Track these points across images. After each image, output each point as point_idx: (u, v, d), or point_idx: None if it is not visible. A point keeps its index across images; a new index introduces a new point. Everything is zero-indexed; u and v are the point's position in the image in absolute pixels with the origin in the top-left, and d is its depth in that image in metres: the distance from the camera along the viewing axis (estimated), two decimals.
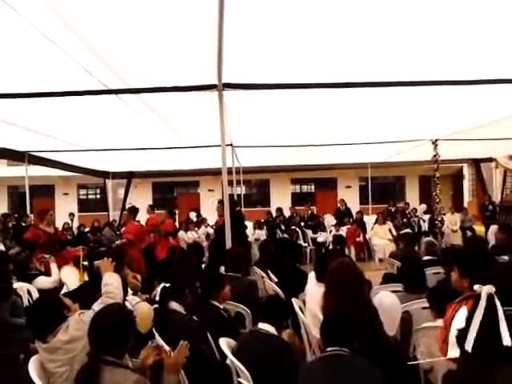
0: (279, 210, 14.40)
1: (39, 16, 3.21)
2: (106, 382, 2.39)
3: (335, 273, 3.39)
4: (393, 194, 24.19)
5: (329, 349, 2.58)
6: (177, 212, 13.75)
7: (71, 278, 5.91)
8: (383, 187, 23.88)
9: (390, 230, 11.92)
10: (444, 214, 12.23)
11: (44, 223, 7.17)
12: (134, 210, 8.78)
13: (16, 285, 5.14)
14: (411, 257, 5.84)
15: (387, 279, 5.36)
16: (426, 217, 14.39)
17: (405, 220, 14.24)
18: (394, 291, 4.21)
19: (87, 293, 3.76)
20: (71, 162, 11.66)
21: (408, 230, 11.39)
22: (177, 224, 12.39)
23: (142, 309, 3.85)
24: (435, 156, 9.95)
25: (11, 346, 3.85)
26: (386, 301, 3.57)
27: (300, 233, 13.00)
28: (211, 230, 12.48)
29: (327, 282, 3.38)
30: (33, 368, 2.86)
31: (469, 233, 12.63)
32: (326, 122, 7.46)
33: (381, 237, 11.78)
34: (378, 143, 9.71)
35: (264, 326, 3.29)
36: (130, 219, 8.79)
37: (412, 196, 23.92)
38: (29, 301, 5.15)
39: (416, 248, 8.23)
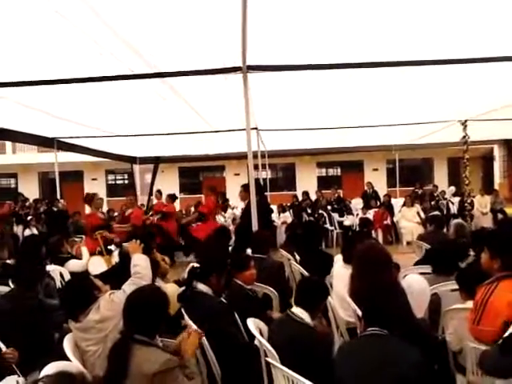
0: (305, 193, 14.35)
1: (67, 3, 3.25)
2: (136, 360, 2.45)
3: (362, 255, 3.37)
4: (421, 176, 23.80)
5: (369, 329, 2.58)
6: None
7: (99, 265, 6.04)
8: (411, 169, 23.47)
9: (418, 213, 11.77)
10: (474, 197, 11.98)
11: (92, 208, 7.72)
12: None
13: (49, 267, 5.29)
14: (440, 238, 5.76)
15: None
16: (456, 199, 14.11)
17: (433, 203, 14.01)
18: (422, 273, 4.18)
19: (117, 274, 3.84)
20: (99, 148, 11.85)
21: (437, 213, 11.22)
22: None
23: (170, 290, 3.92)
24: (464, 137, 9.72)
25: (46, 326, 3.97)
26: (416, 284, 3.55)
27: (326, 216, 12.95)
28: (238, 214, 12.56)
29: (354, 263, 3.37)
30: (67, 346, 2.96)
31: (500, 215, 12.35)
32: (352, 104, 7.36)
33: (409, 220, 11.65)
34: (405, 124, 9.54)
35: (297, 311, 3.08)
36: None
37: (440, 178, 23.49)
38: (61, 283, 5.30)
39: (445, 230, 8.11)
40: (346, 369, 2.51)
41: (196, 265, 3.96)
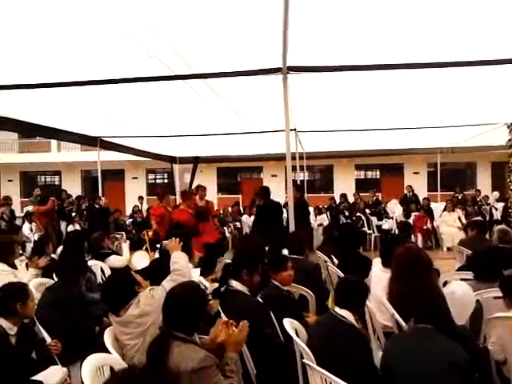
0: (343, 196, 14.21)
1: (110, 5, 3.34)
2: (174, 357, 2.47)
3: (404, 257, 3.32)
4: (463, 180, 23.19)
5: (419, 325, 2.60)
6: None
7: (143, 260, 6.16)
8: (453, 173, 22.89)
9: (459, 218, 11.47)
10: None
11: (194, 200, 8.20)
12: None
13: (90, 262, 5.44)
14: (482, 244, 5.59)
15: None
16: (499, 205, 13.63)
17: (475, 207, 13.62)
18: (463, 279, 4.07)
19: (157, 270, 3.92)
20: (140, 147, 12.09)
21: (479, 218, 10.90)
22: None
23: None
24: (510, 140, 9.39)
25: (87, 319, 4.09)
26: (459, 290, 3.46)
27: (364, 219, 12.80)
28: None
29: (395, 266, 3.32)
30: (108, 339, 3.04)
31: None
32: (393, 105, 7.24)
33: (450, 225, 11.37)
34: (448, 127, 9.31)
35: (342, 312, 2.97)
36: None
37: (483, 183, 22.74)
38: (102, 278, 5.44)
39: (487, 236, 7.86)
40: (400, 358, 2.54)
41: (228, 261, 3.98)
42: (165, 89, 5.70)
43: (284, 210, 8.22)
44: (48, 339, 3.46)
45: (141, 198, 16.64)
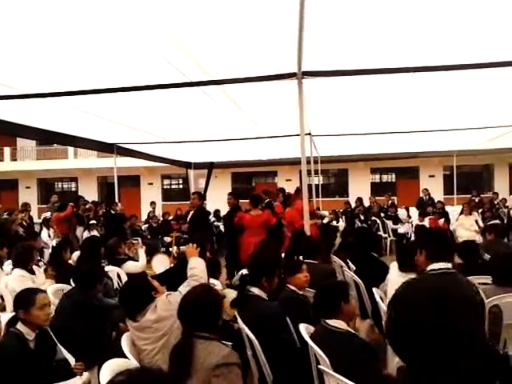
0: (359, 199, 14.12)
1: (126, 12, 3.38)
2: (199, 353, 2.50)
3: None
4: (480, 183, 22.89)
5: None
6: None
7: (163, 263, 6.21)
8: (470, 176, 22.60)
9: (476, 222, 11.32)
10: None
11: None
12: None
13: (107, 268, 5.49)
14: (500, 248, 5.52)
15: None
16: None
17: (493, 211, 13.43)
18: (481, 283, 4.02)
19: (174, 276, 3.95)
20: (156, 154, 12.18)
21: (497, 222, 10.75)
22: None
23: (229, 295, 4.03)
24: None
25: (105, 325, 4.13)
26: None
27: (380, 223, 12.70)
28: None
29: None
30: (125, 344, 3.07)
31: None
32: (408, 108, 7.20)
33: (466, 228, 11.20)
34: (464, 129, 9.21)
35: (331, 322, 2.98)
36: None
37: (501, 186, 22.43)
38: (118, 283, 5.48)
39: (505, 240, 7.76)
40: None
41: (245, 271, 4.01)
42: (180, 95, 5.75)
43: None
44: (73, 361, 3.48)
45: (153, 203, 16.76)
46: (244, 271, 4.16)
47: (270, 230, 7.51)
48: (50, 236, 10.08)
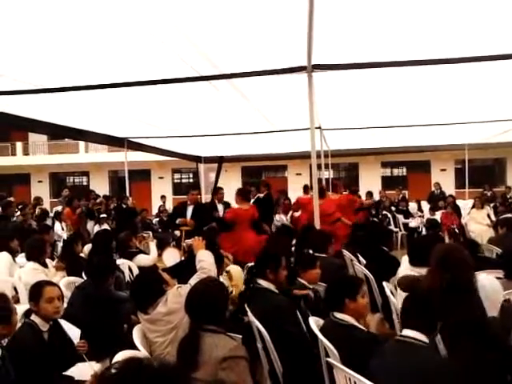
0: (369, 193, 14.07)
1: (136, 7, 3.39)
2: (206, 346, 2.52)
3: (444, 254, 3.31)
4: (492, 177, 22.67)
5: (405, 332, 2.52)
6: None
7: (174, 257, 6.25)
8: (482, 170, 22.37)
9: (488, 215, 11.23)
10: None
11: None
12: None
13: (118, 261, 5.53)
14: None
15: None
16: None
17: (506, 204, 13.30)
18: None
19: (184, 269, 3.98)
20: (166, 148, 12.22)
21: (509, 215, 10.65)
22: None
23: (234, 269, 4.04)
24: None
25: (116, 317, 4.17)
26: (489, 285, 3.43)
27: (391, 217, 12.65)
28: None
29: (434, 262, 3.30)
30: (136, 337, 3.11)
31: None
32: (419, 101, 7.14)
33: (478, 222, 11.13)
34: (476, 123, 9.12)
35: (339, 316, 3.02)
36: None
37: None
38: (129, 276, 5.53)
39: None
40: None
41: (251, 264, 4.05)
42: (190, 89, 5.75)
43: None
44: (74, 340, 3.51)
45: (163, 197, 16.83)
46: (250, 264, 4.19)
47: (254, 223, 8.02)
48: (63, 229, 10.18)
